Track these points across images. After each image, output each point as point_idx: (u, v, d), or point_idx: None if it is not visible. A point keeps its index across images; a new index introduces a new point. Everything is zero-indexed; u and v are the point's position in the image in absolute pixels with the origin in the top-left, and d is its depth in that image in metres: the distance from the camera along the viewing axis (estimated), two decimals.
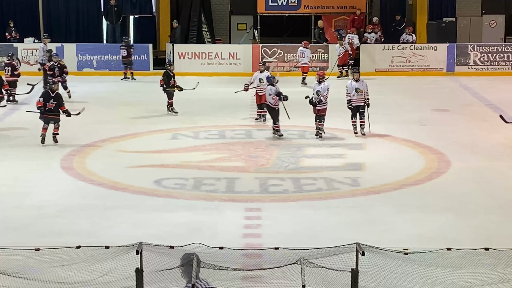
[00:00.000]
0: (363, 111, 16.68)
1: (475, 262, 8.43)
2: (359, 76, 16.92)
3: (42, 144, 15.72)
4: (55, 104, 15.89)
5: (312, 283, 8.08)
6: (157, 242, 8.62)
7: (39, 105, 15.84)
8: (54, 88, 16.03)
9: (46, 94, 16.05)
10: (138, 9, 28.91)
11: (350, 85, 16.76)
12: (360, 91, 16.66)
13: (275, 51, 25.65)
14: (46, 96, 15.93)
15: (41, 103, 15.81)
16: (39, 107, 15.85)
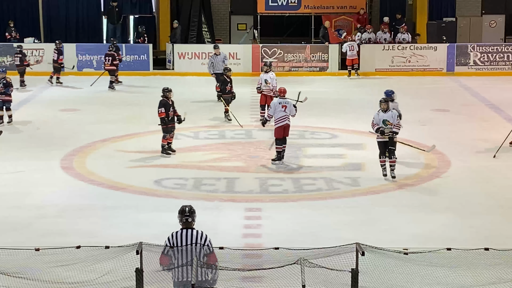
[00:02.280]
0: (393, 148, 13.59)
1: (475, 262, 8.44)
2: (388, 106, 13.99)
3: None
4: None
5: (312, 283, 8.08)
6: (157, 242, 8.61)
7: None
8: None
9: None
10: (138, 9, 28.92)
11: (377, 117, 13.80)
12: (389, 123, 13.66)
13: (275, 51, 25.65)
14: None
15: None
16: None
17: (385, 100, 14.00)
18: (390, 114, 13.71)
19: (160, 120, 15.02)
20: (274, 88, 18.17)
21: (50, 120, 18.59)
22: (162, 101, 15.08)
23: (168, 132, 15.03)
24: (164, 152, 15.05)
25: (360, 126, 17.67)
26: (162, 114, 14.97)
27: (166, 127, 15.00)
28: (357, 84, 24.27)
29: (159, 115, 15.00)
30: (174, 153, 15.11)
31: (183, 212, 7.76)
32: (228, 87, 17.90)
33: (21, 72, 23.21)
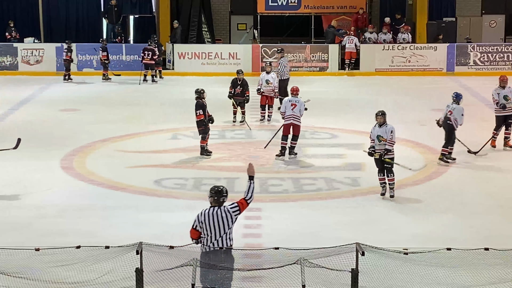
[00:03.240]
0: (389, 166, 12.56)
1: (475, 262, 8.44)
2: (384, 120, 12.73)
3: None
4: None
5: (312, 283, 8.08)
6: (157, 242, 8.61)
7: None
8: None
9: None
10: (138, 9, 28.92)
11: (373, 131, 12.76)
12: (383, 139, 12.55)
13: (275, 51, 25.62)
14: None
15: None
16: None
17: (381, 113, 12.70)
18: (385, 129, 12.53)
19: (199, 122, 14.73)
20: (275, 88, 18.18)
21: (50, 120, 18.59)
22: (198, 103, 14.77)
23: (206, 133, 14.87)
24: (204, 153, 14.91)
25: (360, 126, 17.67)
26: (201, 117, 14.68)
27: (204, 128, 14.82)
28: (357, 84, 24.27)
29: (198, 117, 14.68)
30: (211, 154, 15.00)
31: (221, 192, 8.22)
32: (238, 89, 17.80)
33: (66, 67, 24.25)
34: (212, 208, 8.14)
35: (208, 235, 7.99)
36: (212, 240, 7.98)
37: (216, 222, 8.00)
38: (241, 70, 18.14)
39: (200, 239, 8.06)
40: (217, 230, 7.98)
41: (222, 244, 7.95)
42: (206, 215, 8.07)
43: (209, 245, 7.98)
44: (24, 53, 25.62)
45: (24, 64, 25.51)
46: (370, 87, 23.54)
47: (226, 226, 8.00)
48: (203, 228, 8.03)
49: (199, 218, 8.09)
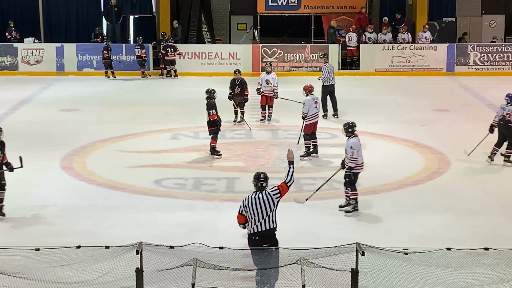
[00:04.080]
0: (344, 180, 11.83)
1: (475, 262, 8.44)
2: (347, 134, 11.79)
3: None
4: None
5: (312, 283, 8.08)
6: (157, 242, 8.62)
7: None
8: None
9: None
10: (138, 9, 28.90)
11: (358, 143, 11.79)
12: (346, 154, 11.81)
13: (275, 51, 25.64)
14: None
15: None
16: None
17: (344, 127, 11.81)
18: (346, 143, 11.70)
19: (211, 122, 14.69)
20: (275, 88, 18.16)
21: (50, 120, 18.58)
22: (211, 103, 14.73)
23: (217, 133, 14.83)
24: (215, 153, 14.88)
25: (360, 126, 17.61)
26: (214, 116, 14.62)
27: (216, 128, 14.76)
28: (357, 84, 24.26)
29: (211, 117, 14.63)
30: (220, 155, 14.96)
31: (258, 178, 8.76)
32: (237, 89, 17.79)
33: (140, 64, 25.03)
34: (254, 193, 8.65)
35: (252, 218, 8.53)
36: (256, 222, 8.52)
37: (258, 205, 8.55)
38: (238, 70, 18.13)
39: (246, 223, 8.61)
40: (260, 213, 8.54)
41: (265, 226, 8.53)
42: (249, 200, 8.59)
43: (253, 227, 8.53)
44: (24, 53, 25.60)
45: (24, 64, 25.50)
46: (370, 87, 23.54)
47: (268, 209, 8.58)
48: (248, 212, 8.56)
49: (243, 203, 8.62)
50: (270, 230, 8.59)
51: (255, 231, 8.55)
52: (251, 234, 8.59)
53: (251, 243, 8.59)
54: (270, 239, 8.58)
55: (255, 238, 8.58)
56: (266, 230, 8.57)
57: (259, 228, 8.54)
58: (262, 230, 8.55)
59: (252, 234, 8.58)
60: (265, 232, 8.57)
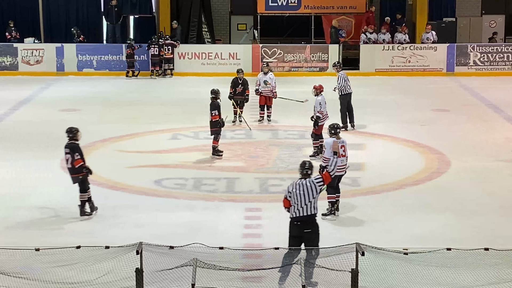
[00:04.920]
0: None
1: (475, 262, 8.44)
2: (330, 134, 11.78)
3: None
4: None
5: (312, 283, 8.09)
6: (157, 242, 8.62)
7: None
8: None
9: None
10: (138, 9, 28.90)
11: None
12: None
13: (275, 51, 25.64)
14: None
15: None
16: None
17: (329, 128, 11.76)
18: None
19: (213, 122, 14.71)
20: (273, 89, 18.14)
21: (50, 120, 18.58)
22: (214, 103, 14.78)
23: (219, 133, 14.84)
24: (215, 153, 14.88)
25: (360, 126, 17.69)
26: (216, 117, 14.66)
27: (218, 128, 14.76)
28: (357, 84, 24.19)
29: (213, 117, 14.67)
30: (222, 153, 14.97)
31: (304, 166, 9.26)
32: (239, 88, 17.79)
33: (156, 63, 25.22)
34: (299, 180, 9.18)
35: (296, 203, 9.05)
36: (298, 207, 9.04)
37: (302, 192, 9.05)
38: (241, 69, 18.12)
39: (290, 208, 9.14)
40: (303, 198, 9.04)
41: (307, 211, 9.03)
42: (294, 185, 9.13)
43: (295, 212, 9.04)
44: (24, 53, 25.59)
45: (24, 64, 25.49)
46: (370, 87, 23.53)
47: (311, 196, 9.05)
48: (292, 198, 9.07)
49: (288, 189, 9.16)
50: (311, 215, 9.06)
51: (297, 215, 9.04)
52: (293, 218, 9.08)
53: (292, 227, 9.10)
54: (311, 224, 9.06)
55: (296, 222, 9.06)
56: (307, 216, 9.03)
57: (301, 213, 9.02)
58: (304, 215, 9.02)
59: (294, 219, 9.08)
60: (306, 217, 9.04)
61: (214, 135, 14.84)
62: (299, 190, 9.08)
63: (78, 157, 11.73)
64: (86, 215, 11.53)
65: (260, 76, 18.28)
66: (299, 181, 9.16)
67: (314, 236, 9.03)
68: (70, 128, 12.10)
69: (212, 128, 14.81)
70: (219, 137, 14.90)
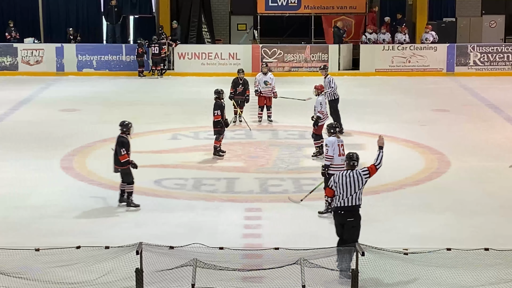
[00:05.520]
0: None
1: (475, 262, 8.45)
2: (329, 133, 11.86)
3: None
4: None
5: (312, 283, 8.09)
6: (157, 242, 8.63)
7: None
8: None
9: None
10: (138, 9, 28.91)
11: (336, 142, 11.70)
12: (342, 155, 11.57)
13: (275, 51, 25.64)
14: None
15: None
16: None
17: (327, 127, 11.91)
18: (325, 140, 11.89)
19: (215, 122, 14.69)
20: (273, 89, 18.12)
21: (50, 120, 18.58)
22: (217, 103, 14.74)
23: (221, 133, 14.83)
24: (217, 153, 14.86)
25: (360, 126, 17.70)
26: (218, 117, 14.63)
27: (220, 128, 14.75)
28: (357, 84, 24.27)
29: (215, 117, 14.65)
30: (224, 154, 14.98)
31: (351, 158, 9.46)
32: (240, 88, 17.78)
33: (157, 62, 25.27)
34: (345, 171, 9.34)
35: (340, 193, 9.19)
36: (343, 197, 9.19)
37: (348, 182, 9.18)
38: (242, 70, 18.11)
39: (333, 197, 9.37)
40: (349, 189, 9.17)
41: (352, 202, 9.19)
42: (340, 176, 9.26)
43: (340, 202, 9.21)
44: (24, 53, 25.59)
45: (24, 64, 25.50)
46: (370, 87, 23.54)
47: (357, 187, 9.20)
48: (337, 188, 9.21)
49: (334, 179, 9.31)
50: (356, 206, 9.22)
51: (341, 205, 9.21)
52: (337, 208, 9.26)
53: (336, 216, 9.34)
54: (354, 214, 9.22)
55: (340, 212, 9.24)
56: (351, 206, 9.18)
57: (346, 203, 9.18)
58: (348, 205, 9.18)
59: (338, 208, 9.25)
60: (351, 208, 9.19)
61: (216, 135, 14.84)
62: (345, 180, 9.21)
63: (124, 153, 12.17)
64: (133, 206, 11.81)
65: (260, 77, 18.23)
66: (346, 172, 9.31)
67: (355, 226, 9.21)
68: (123, 122, 12.58)
69: (214, 128, 14.82)
70: (221, 137, 14.89)
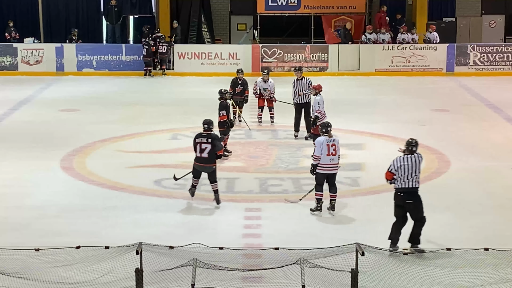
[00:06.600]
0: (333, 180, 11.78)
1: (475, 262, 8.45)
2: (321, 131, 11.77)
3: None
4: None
5: (312, 283, 8.09)
6: (157, 242, 8.63)
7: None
8: None
9: None
10: (138, 9, 28.92)
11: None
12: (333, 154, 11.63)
13: (274, 51, 25.64)
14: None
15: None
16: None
17: (320, 126, 11.91)
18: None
19: (221, 123, 14.66)
20: (271, 94, 17.98)
21: (50, 120, 18.59)
22: (222, 104, 14.74)
23: (226, 134, 14.81)
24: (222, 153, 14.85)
25: (360, 126, 17.71)
26: (224, 117, 14.62)
27: (226, 129, 14.73)
28: (357, 84, 24.28)
29: (221, 118, 14.61)
30: (230, 154, 14.96)
31: (411, 143, 10.07)
32: (239, 88, 17.76)
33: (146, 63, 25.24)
34: (405, 155, 9.98)
35: (401, 176, 9.87)
36: (404, 179, 9.87)
37: (410, 165, 9.87)
38: (241, 70, 18.09)
39: (393, 180, 9.97)
40: (409, 172, 9.85)
41: (412, 184, 9.90)
42: (401, 160, 9.94)
43: (400, 184, 9.88)
44: (24, 53, 25.59)
45: (24, 64, 25.50)
46: (370, 87, 23.54)
47: (417, 170, 9.91)
48: (398, 171, 9.87)
49: (394, 163, 9.95)
50: (415, 188, 9.91)
51: (401, 187, 9.89)
52: (398, 189, 9.94)
53: (396, 198, 10.00)
54: (414, 196, 9.92)
55: (400, 193, 9.93)
56: (411, 188, 9.87)
57: (406, 185, 9.86)
58: (408, 187, 9.87)
59: (399, 189, 9.93)
60: (410, 189, 9.88)
61: (221, 136, 14.83)
62: (407, 163, 9.86)
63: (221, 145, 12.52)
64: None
65: (260, 84, 18.06)
66: (406, 156, 9.94)
67: (417, 206, 9.96)
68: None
69: (219, 129, 14.81)
70: (226, 137, 14.88)
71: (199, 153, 11.97)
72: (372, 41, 26.15)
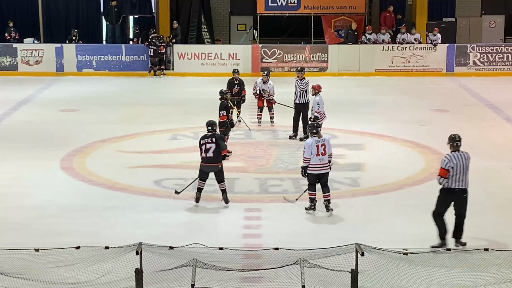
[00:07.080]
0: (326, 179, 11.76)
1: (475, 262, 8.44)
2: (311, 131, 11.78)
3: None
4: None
5: (312, 283, 8.09)
6: (156, 242, 8.63)
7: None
8: None
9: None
10: (138, 9, 28.92)
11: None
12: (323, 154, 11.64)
13: (274, 51, 25.64)
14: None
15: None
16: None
17: (309, 127, 11.97)
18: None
19: (221, 123, 14.66)
20: (271, 96, 17.95)
21: (50, 120, 18.59)
22: (223, 104, 14.78)
23: (226, 134, 14.79)
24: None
25: (360, 126, 17.70)
26: (224, 118, 14.66)
27: (225, 129, 14.74)
28: (357, 84, 24.28)
29: (221, 118, 14.63)
30: (230, 154, 14.92)
31: (454, 139, 10.21)
32: (236, 89, 17.76)
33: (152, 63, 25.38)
34: (455, 153, 10.04)
35: (455, 174, 9.89)
36: (455, 176, 9.90)
37: (463, 163, 9.98)
38: (237, 70, 18.10)
39: (446, 178, 9.92)
40: (463, 169, 9.95)
41: (464, 182, 9.98)
42: (454, 158, 9.97)
43: (454, 180, 9.91)
44: (24, 54, 25.60)
45: (23, 65, 25.50)
46: (370, 87, 23.55)
47: (468, 167, 10.00)
48: (454, 168, 9.86)
49: (449, 160, 9.94)
50: (467, 183, 10.03)
51: (457, 182, 9.93)
52: (454, 185, 9.93)
53: (449, 194, 9.97)
54: (467, 191, 10.05)
55: (457, 189, 9.96)
56: (464, 189, 10.01)
57: (459, 184, 9.95)
58: (463, 182, 9.98)
59: (455, 185, 9.94)
60: (465, 184, 9.99)
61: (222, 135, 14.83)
62: (461, 160, 9.92)
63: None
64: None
65: (260, 85, 18.04)
66: (457, 154, 9.98)
67: (466, 201, 10.07)
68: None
69: (219, 128, 14.80)
70: (226, 137, 14.88)
71: (205, 153, 11.98)
72: (372, 42, 26.14)
